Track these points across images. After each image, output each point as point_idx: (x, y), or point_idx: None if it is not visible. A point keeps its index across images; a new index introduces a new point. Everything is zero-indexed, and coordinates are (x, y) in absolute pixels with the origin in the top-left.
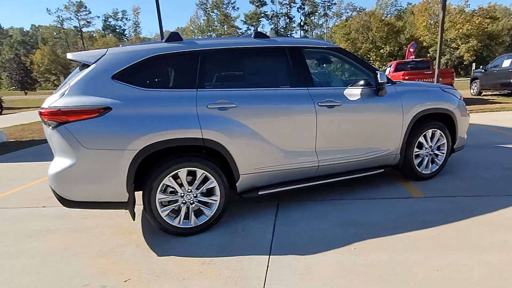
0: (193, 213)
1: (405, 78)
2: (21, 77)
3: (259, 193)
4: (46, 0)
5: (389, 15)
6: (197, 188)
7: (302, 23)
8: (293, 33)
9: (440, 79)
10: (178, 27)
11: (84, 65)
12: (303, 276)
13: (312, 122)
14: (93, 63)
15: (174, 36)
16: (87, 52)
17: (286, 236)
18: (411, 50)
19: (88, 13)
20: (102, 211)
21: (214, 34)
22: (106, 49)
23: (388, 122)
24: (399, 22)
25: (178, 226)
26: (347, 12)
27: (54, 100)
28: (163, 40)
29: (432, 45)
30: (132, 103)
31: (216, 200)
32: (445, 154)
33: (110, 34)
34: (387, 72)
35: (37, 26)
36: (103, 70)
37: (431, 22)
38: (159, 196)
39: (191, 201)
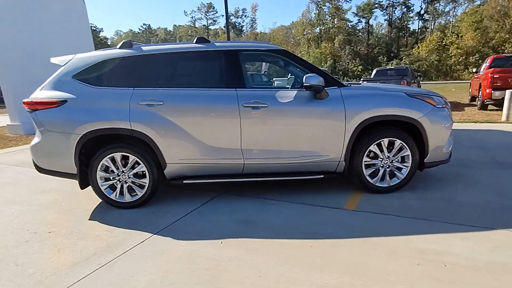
0: (127, 190)
1: (495, 76)
2: None
3: (183, 181)
4: (186, 4)
5: None
6: (131, 170)
7: (422, 12)
8: (409, 24)
9: None
10: (292, 22)
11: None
12: (153, 255)
13: (236, 122)
14: (63, 66)
15: (126, 43)
16: (62, 57)
17: (186, 222)
18: None
19: (215, 13)
20: None
21: (322, 28)
22: (74, 55)
23: (326, 127)
24: None
25: (114, 199)
26: None
27: (35, 93)
28: (117, 47)
29: None
30: (82, 98)
31: (146, 183)
32: (409, 168)
33: (233, 30)
34: (482, 68)
35: (177, 26)
36: (68, 71)
37: None
38: (100, 173)
39: (125, 181)
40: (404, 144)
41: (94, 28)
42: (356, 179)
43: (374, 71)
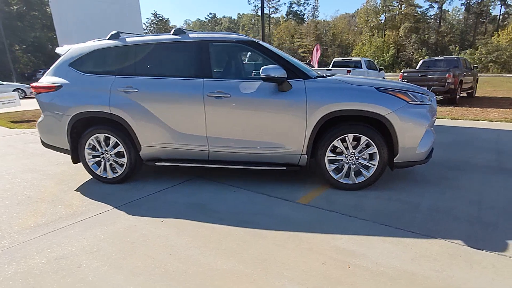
0: (109, 167)
1: None
2: None
3: (155, 163)
4: None
5: None
6: (113, 150)
7: None
8: (490, 8)
9: None
10: (357, 9)
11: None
12: (100, 225)
13: (200, 111)
14: (63, 55)
15: (114, 35)
16: (63, 47)
17: (147, 200)
18: None
19: (278, 1)
20: None
21: (388, 15)
22: (72, 45)
23: (288, 119)
24: None
25: (99, 174)
26: None
27: (41, 78)
28: (106, 38)
29: None
30: (75, 83)
31: (124, 162)
32: (376, 166)
33: (294, 18)
34: None
35: (241, 14)
36: (65, 60)
37: None
38: (87, 151)
39: (108, 159)
40: (370, 141)
41: (161, 18)
42: (320, 173)
43: (420, 62)
